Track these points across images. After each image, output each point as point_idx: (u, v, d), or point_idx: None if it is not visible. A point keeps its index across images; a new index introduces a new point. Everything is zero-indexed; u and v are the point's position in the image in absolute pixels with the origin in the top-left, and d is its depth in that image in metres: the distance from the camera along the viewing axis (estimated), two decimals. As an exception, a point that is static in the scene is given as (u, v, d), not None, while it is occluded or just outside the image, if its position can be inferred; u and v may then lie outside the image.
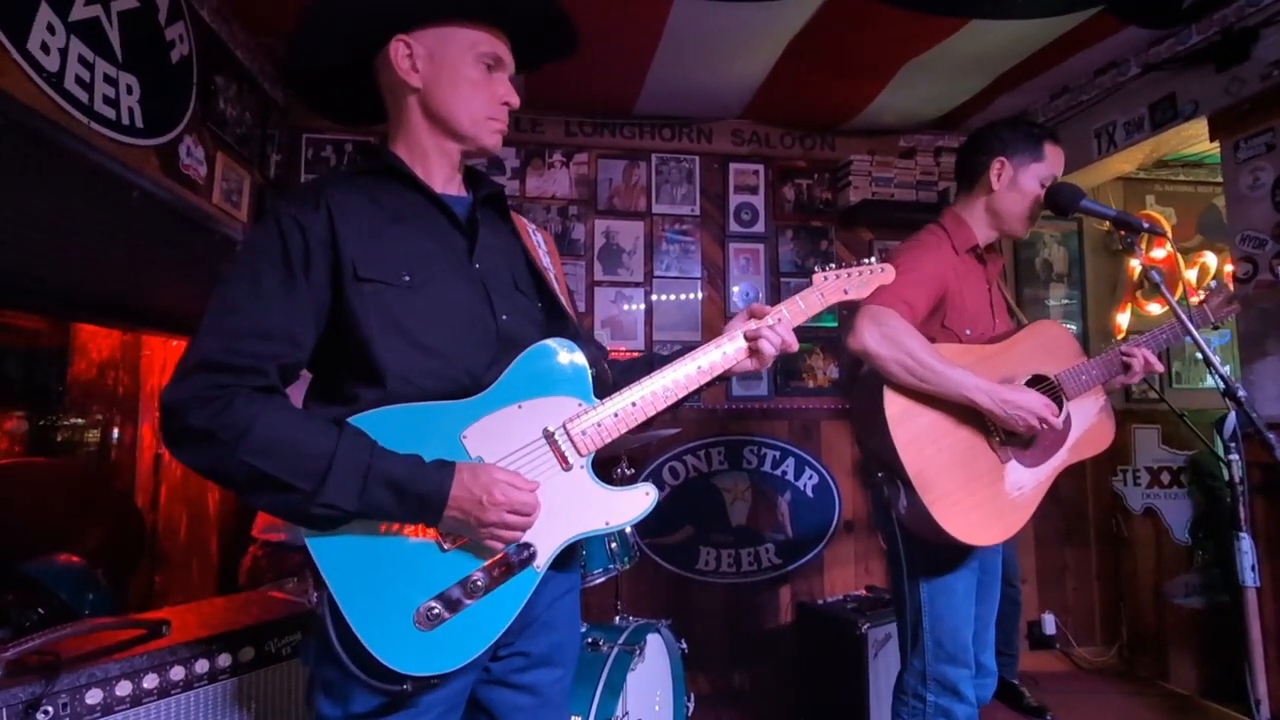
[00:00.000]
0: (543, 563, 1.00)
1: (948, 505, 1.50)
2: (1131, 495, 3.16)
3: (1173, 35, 2.47)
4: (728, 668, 3.03)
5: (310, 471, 0.88)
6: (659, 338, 3.15)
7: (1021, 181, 1.67)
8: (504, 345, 1.05)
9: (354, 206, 1.01)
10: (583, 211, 3.16)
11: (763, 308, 1.16)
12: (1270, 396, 2.22)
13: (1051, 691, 2.94)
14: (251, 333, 0.92)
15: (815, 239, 3.31)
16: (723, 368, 1.13)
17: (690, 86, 2.88)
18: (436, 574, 0.94)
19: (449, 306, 1.03)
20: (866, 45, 2.53)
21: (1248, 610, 1.45)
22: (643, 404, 1.07)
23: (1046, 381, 1.61)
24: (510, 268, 1.14)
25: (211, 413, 0.87)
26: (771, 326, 1.13)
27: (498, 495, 0.92)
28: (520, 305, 1.12)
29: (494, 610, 0.97)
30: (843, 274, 1.25)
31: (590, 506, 1.04)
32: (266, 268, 0.95)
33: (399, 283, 0.99)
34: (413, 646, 0.92)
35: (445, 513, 0.92)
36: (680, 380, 1.10)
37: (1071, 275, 3.51)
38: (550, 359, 1.06)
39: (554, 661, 1.10)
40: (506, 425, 1.01)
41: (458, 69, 1.05)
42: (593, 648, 1.92)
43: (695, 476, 3.14)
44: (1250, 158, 2.28)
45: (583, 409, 1.04)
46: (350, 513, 0.89)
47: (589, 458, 1.04)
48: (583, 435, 1.03)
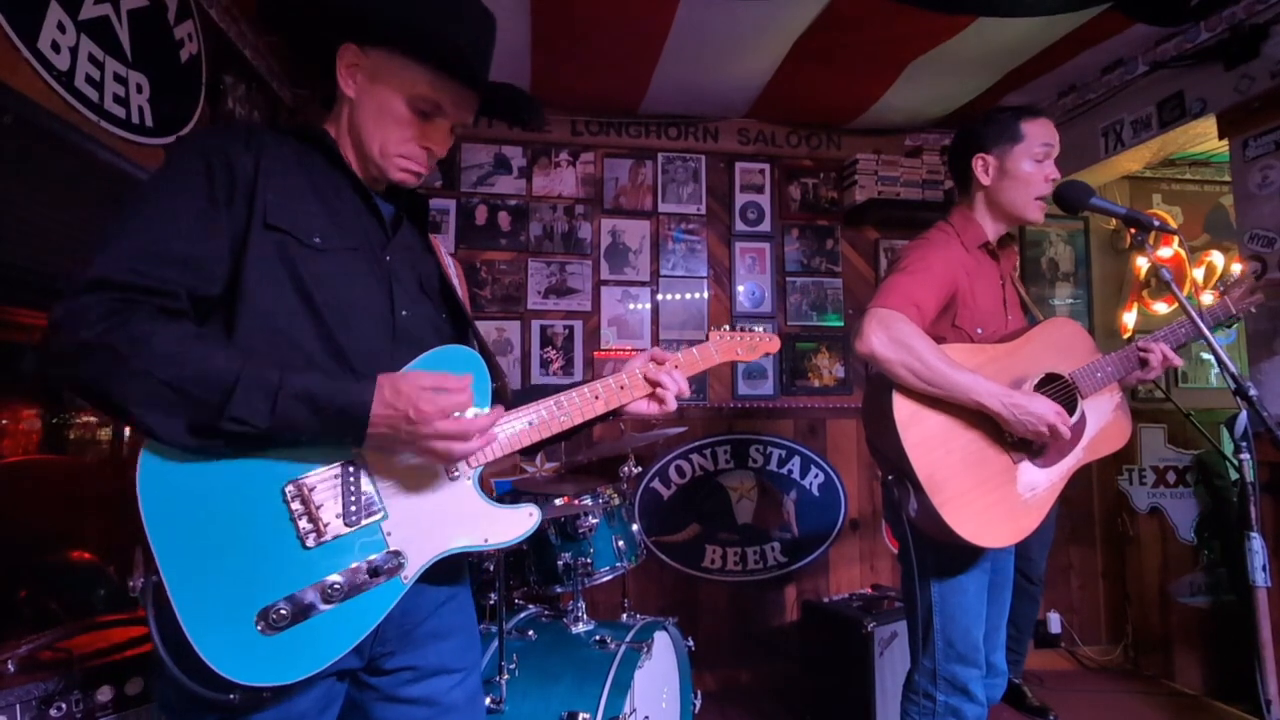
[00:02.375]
0: (411, 574, 0.93)
1: (958, 507, 1.48)
2: (1137, 494, 3.14)
3: (1180, 33, 2.44)
4: (734, 665, 3.02)
5: (215, 384, 0.80)
6: (665, 337, 3.14)
7: (1010, 168, 1.64)
8: (399, 342, 1.01)
9: (282, 160, 0.98)
10: (589, 210, 3.15)
11: (663, 353, 1.16)
12: (1278, 395, 2.20)
13: (1056, 691, 2.92)
14: (162, 255, 0.85)
15: (821, 238, 3.29)
16: (617, 403, 1.12)
17: (696, 85, 2.86)
18: (292, 571, 0.85)
19: (350, 283, 0.98)
20: (873, 43, 2.51)
21: (1258, 610, 1.42)
22: (539, 425, 1.05)
23: (1061, 380, 1.59)
24: (419, 273, 1.11)
25: (108, 326, 0.79)
26: (669, 373, 1.14)
27: (425, 406, 0.86)
28: (423, 309, 1.09)
29: (348, 620, 0.88)
30: (735, 336, 1.28)
31: (471, 521, 0.99)
32: (186, 194, 0.89)
33: (308, 241, 0.95)
34: (248, 651, 0.81)
35: (369, 430, 0.86)
36: (575, 408, 1.08)
37: (1077, 274, 3.48)
38: (453, 365, 1.00)
39: (450, 669, 1.05)
40: None
41: (385, 101, 1.02)
42: (600, 645, 1.91)
43: (701, 475, 3.12)
44: (1259, 155, 2.26)
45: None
46: (262, 429, 0.82)
47: (477, 471, 1.01)
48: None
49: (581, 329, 3.08)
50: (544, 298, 3.07)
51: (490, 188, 3.08)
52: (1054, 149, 1.65)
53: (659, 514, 3.06)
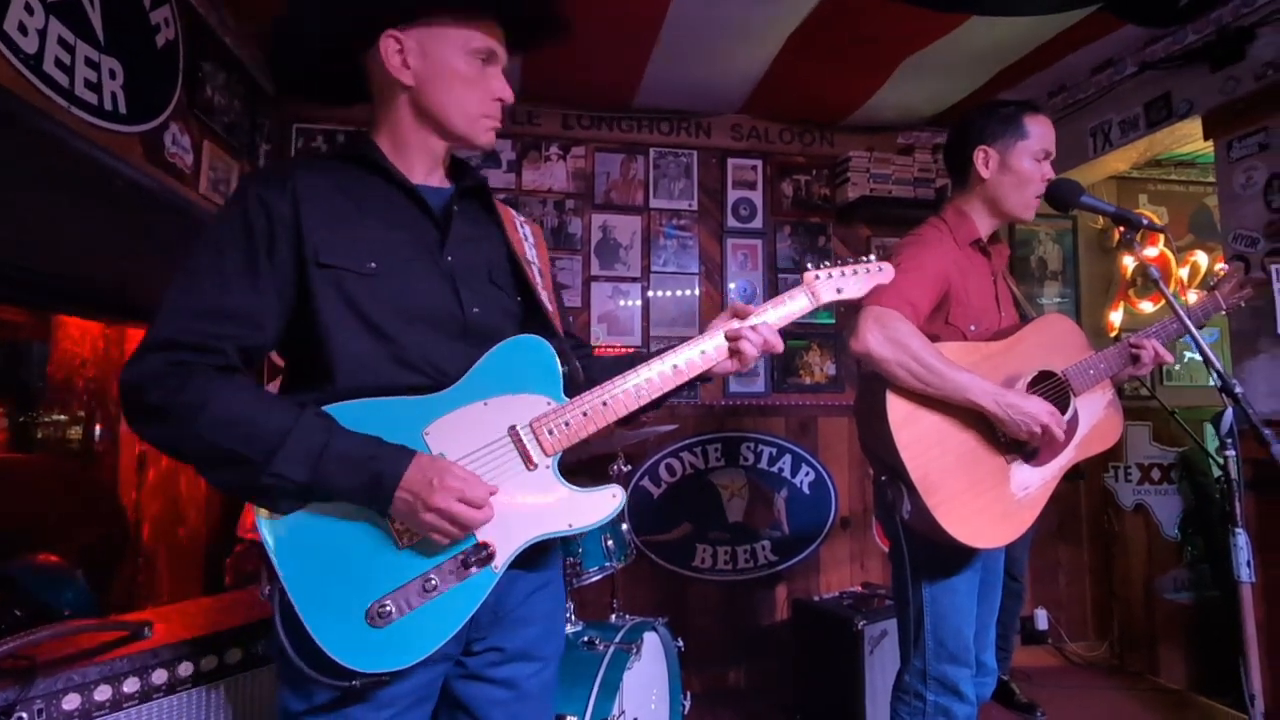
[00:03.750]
0: (501, 563, 0.98)
1: (952, 509, 1.49)
2: (1123, 491, 3.19)
3: (1168, 34, 2.49)
4: (724, 665, 3.02)
5: (264, 445, 0.87)
6: (656, 333, 3.14)
7: (1012, 163, 1.65)
8: (475, 339, 1.04)
9: (322, 191, 1.00)
10: (579, 205, 3.13)
11: (746, 307, 1.13)
12: (1261, 394, 2.24)
13: (1044, 687, 2.96)
14: (210, 312, 0.92)
15: (813, 235, 3.30)
16: (701, 368, 1.09)
17: (689, 80, 2.86)
18: (391, 570, 0.93)
19: (413, 296, 1.01)
20: (867, 40, 2.53)
21: (1243, 606, 1.44)
22: (613, 403, 1.05)
23: (1054, 378, 1.61)
24: (487, 260, 1.12)
25: (168, 390, 0.87)
26: (754, 327, 1.11)
27: (449, 481, 0.90)
28: (494, 299, 1.10)
29: (447, 610, 0.95)
30: (835, 272, 1.21)
31: (554, 507, 1.01)
32: (229, 247, 0.95)
33: (363, 270, 0.98)
34: (362, 643, 0.90)
35: (396, 494, 0.90)
36: (654, 379, 1.07)
37: (1066, 273, 3.53)
38: (520, 355, 1.04)
39: (531, 656, 1.09)
40: (471, 422, 0.99)
41: (451, 66, 1.03)
42: (588, 646, 1.90)
43: (692, 473, 3.12)
44: (1243, 157, 2.30)
45: (551, 407, 1.02)
46: (300, 484, 0.88)
47: (555, 457, 1.02)
48: (549, 434, 1.01)
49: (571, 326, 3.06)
50: (532, 295, 3.04)
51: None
52: (1053, 152, 1.66)
53: (649, 513, 3.05)
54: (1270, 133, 2.22)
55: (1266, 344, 2.23)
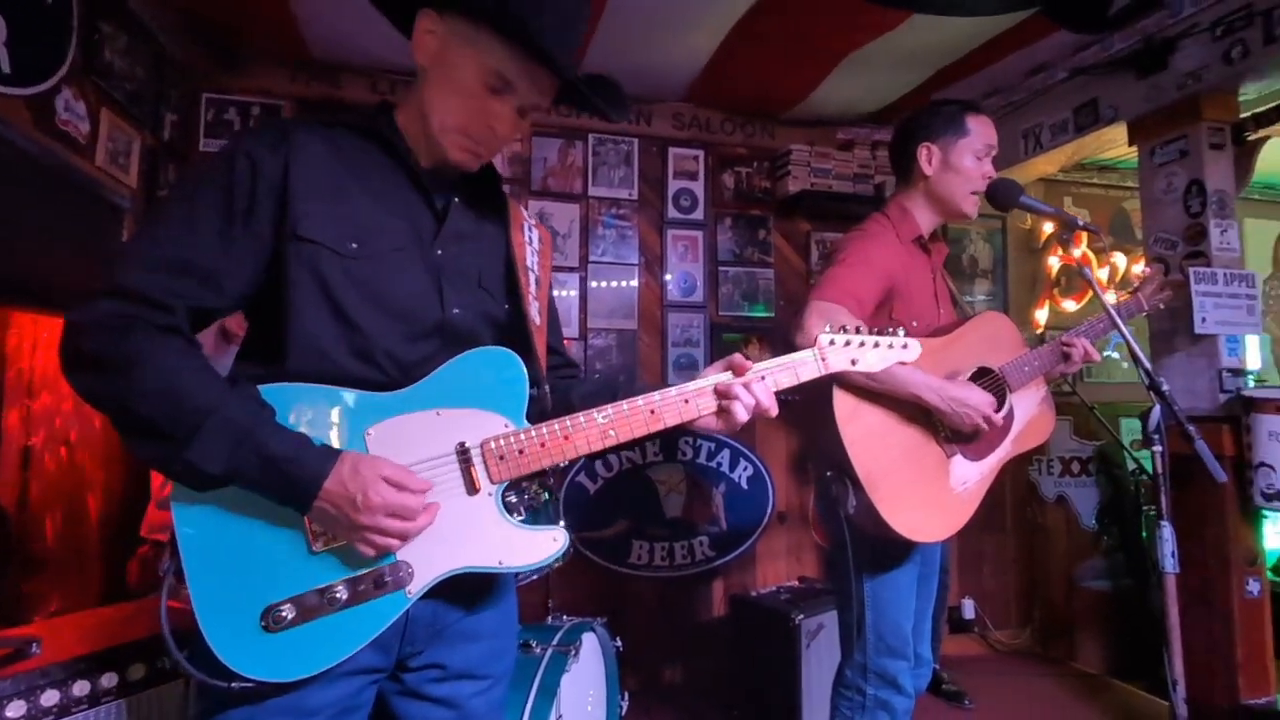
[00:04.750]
0: (416, 589, 0.91)
1: (895, 503, 1.51)
2: (1045, 484, 3.36)
3: (1098, 42, 2.59)
4: (661, 663, 3.02)
5: (182, 424, 0.82)
6: (594, 325, 3.09)
7: (953, 161, 1.68)
8: (448, 341, 0.98)
9: (318, 158, 0.94)
10: (516, 191, 3.04)
11: (743, 362, 1.02)
12: (1179, 391, 2.38)
13: (970, 674, 3.08)
14: (170, 264, 0.86)
15: (754, 228, 3.31)
16: (680, 420, 1.00)
17: (632, 65, 2.81)
18: (298, 574, 0.87)
19: (391, 286, 0.96)
20: (812, 33, 2.54)
21: (1167, 595, 1.52)
22: (576, 439, 0.96)
23: (991, 374, 1.65)
24: (480, 261, 1.06)
25: (105, 341, 0.83)
26: (748, 386, 1.00)
27: (373, 497, 0.84)
28: (479, 302, 1.04)
29: (348, 628, 0.88)
30: (855, 340, 1.08)
31: (487, 540, 0.94)
32: (206, 200, 0.89)
33: (343, 250, 0.93)
34: (250, 645, 0.85)
35: (315, 503, 0.85)
36: (624, 425, 0.99)
37: (995, 272, 3.67)
38: (488, 367, 0.97)
39: (476, 674, 1.03)
40: (419, 430, 0.92)
41: (454, 71, 0.96)
42: (525, 650, 1.85)
43: (629, 469, 3.10)
44: (1165, 163, 2.43)
45: (508, 430, 0.95)
46: (214, 477, 0.83)
47: (501, 486, 0.95)
48: (500, 460, 0.93)
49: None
50: (468, 282, 2.95)
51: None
52: (994, 149, 1.70)
53: (585, 509, 3.01)
54: (1190, 140, 2.35)
55: (1182, 343, 2.36)
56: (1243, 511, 2.27)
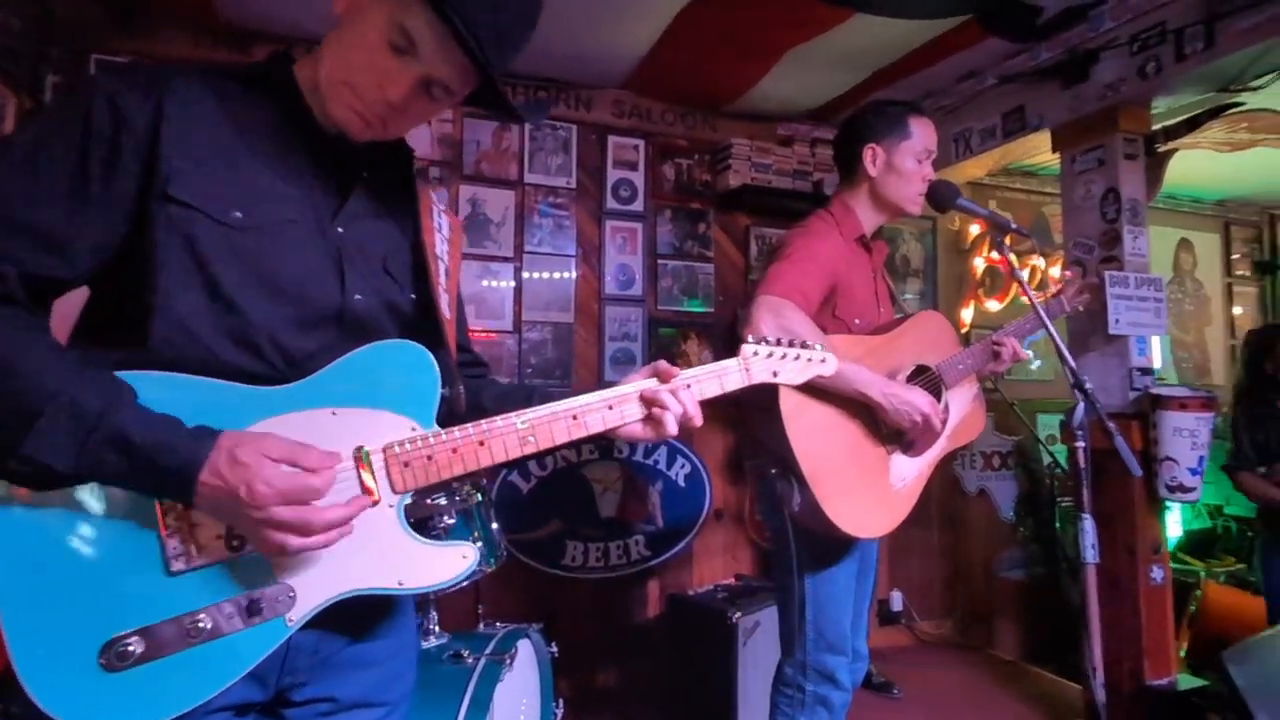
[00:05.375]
0: (298, 615, 0.80)
1: (838, 500, 1.53)
2: (968, 478, 3.53)
3: (1026, 50, 2.73)
4: (596, 667, 2.99)
5: (18, 410, 0.70)
6: (529, 318, 3.02)
7: (896, 162, 1.72)
8: (346, 331, 0.89)
9: (199, 110, 0.83)
10: (446, 175, 2.93)
11: (670, 369, 0.98)
12: (1094, 388, 2.53)
13: (897, 664, 3.21)
14: (12, 225, 0.75)
15: (694, 221, 3.32)
16: (605, 428, 0.95)
17: (572, 48, 2.75)
18: (151, 600, 0.74)
19: (283, 264, 0.85)
20: (755, 26, 2.55)
21: (1087, 585, 1.60)
22: (493, 445, 0.89)
23: (929, 372, 1.70)
24: (386, 243, 0.97)
25: None
26: (674, 391, 0.96)
27: (259, 486, 0.73)
28: (383, 289, 0.95)
29: (214, 663, 0.76)
30: (777, 352, 1.08)
31: (386, 558, 0.84)
32: (54, 149, 0.77)
33: (224, 218, 0.81)
34: (83, 689, 0.72)
35: (196, 496, 0.73)
36: (545, 431, 0.93)
37: (926, 271, 3.83)
38: (393, 362, 0.88)
39: (372, 703, 0.95)
40: (309, 432, 0.82)
41: (364, 23, 0.86)
42: (456, 661, 1.78)
43: (564, 467, 3.04)
44: (1084, 170, 2.59)
45: (415, 434, 0.86)
46: (61, 474, 0.70)
47: (404, 497, 0.85)
48: (404, 467, 0.84)
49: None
50: (390, 271, 2.82)
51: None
52: (934, 151, 1.76)
53: (516, 510, 2.93)
54: (1108, 150, 2.50)
55: (1097, 343, 2.52)
56: (1149, 503, 2.44)
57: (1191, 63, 2.21)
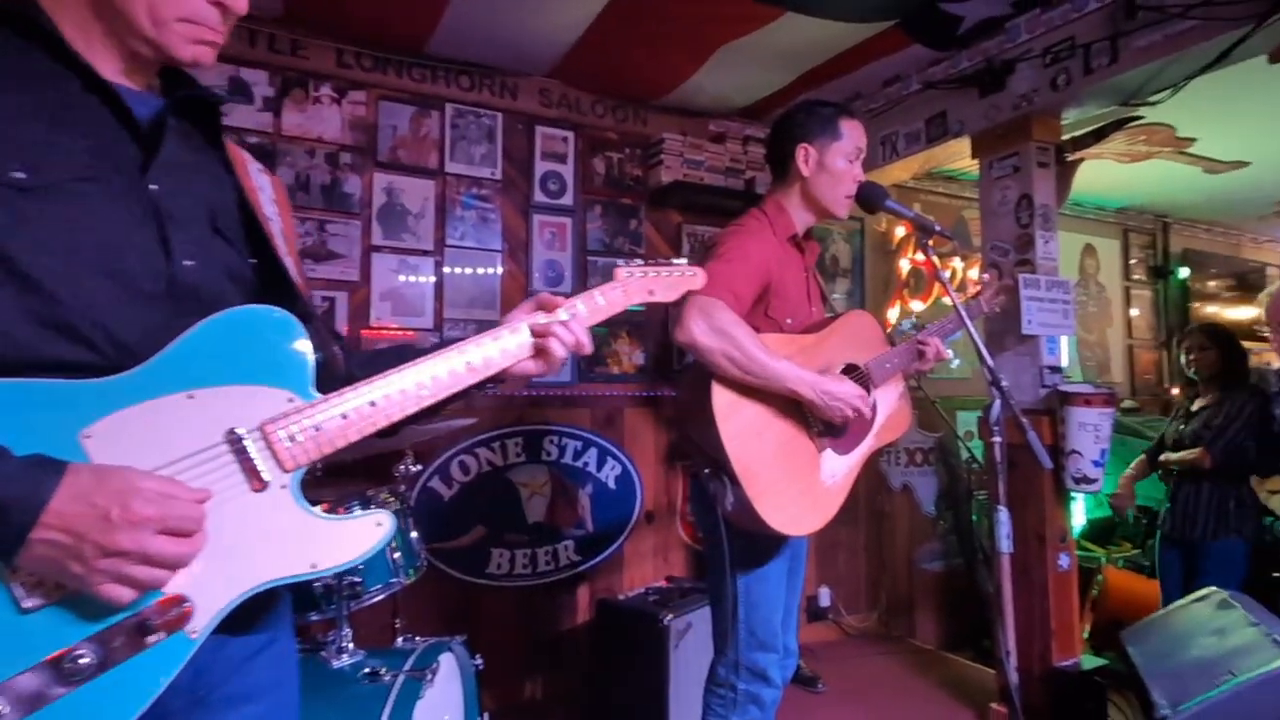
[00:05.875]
0: (201, 626, 0.73)
1: (770, 498, 1.55)
2: (892, 474, 3.67)
3: (948, 58, 2.85)
4: (522, 677, 2.93)
5: None
6: (451, 315, 2.92)
7: (828, 163, 1.77)
8: (182, 303, 0.79)
9: None
10: (359, 161, 2.80)
11: (553, 299, 1.00)
12: (1009, 386, 2.66)
13: (824, 659, 3.30)
14: None
15: (625, 217, 3.30)
16: (500, 366, 0.94)
17: (497, 32, 2.68)
18: (7, 646, 0.65)
19: (90, 230, 0.74)
20: (687, 20, 2.56)
21: (1002, 573, 1.68)
22: (386, 405, 0.84)
23: (857, 370, 1.74)
24: (210, 200, 0.87)
25: None
26: (564, 323, 0.98)
27: (136, 508, 0.65)
28: (217, 253, 0.86)
29: (106, 702, 0.68)
30: (649, 271, 1.13)
31: (291, 542, 0.79)
32: None
33: (3, 178, 0.70)
34: None
35: (34, 534, 0.63)
36: (441, 378, 0.89)
37: (854, 271, 3.96)
38: (253, 331, 0.80)
39: None
40: (165, 421, 0.73)
41: None
42: (372, 679, 1.71)
43: (489, 471, 2.97)
44: (1001, 176, 2.72)
45: (295, 405, 0.80)
46: None
47: (297, 474, 0.80)
48: (291, 442, 0.79)
49: (346, 302, 2.74)
50: (298, 263, 2.67)
51: (223, 118, 2.58)
52: (864, 152, 1.80)
53: (437, 517, 2.84)
54: (1022, 157, 2.64)
55: (1011, 343, 2.66)
56: (1057, 494, 2.59)
57: (1098, 76, 2.36)
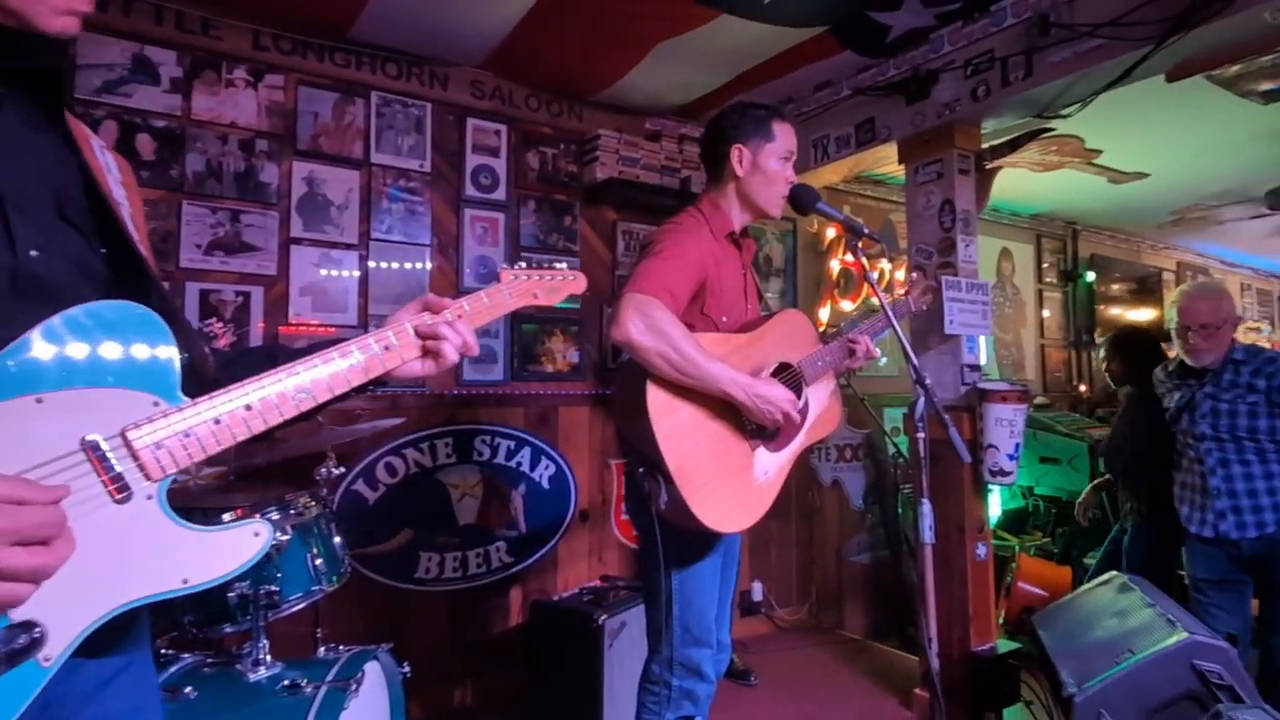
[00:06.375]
0: (57, 652, 0.69)
1: (704, 497, 1.58)
2: (823, 470, 3.79)
3: (877, 66, 2.97)
4: (453, 684, 2.89)
5: None
6: (377, 311, 2.85)
7: (761, 163, 1.81)
8: (25, 297, 0.73)
9: None
10: (276, 149, 2.69)
11: (439, 300, 1.00)
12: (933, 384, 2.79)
13: (757, 653, 3.39)
14: None
15: (559, 213, 3.28)
16: (384, 368, 0.92)
17: (426, 19, 2.62)
18: None
19: None
20: (625, 15, 2.57)
21: (925, 563, 1.76)
22: (263, 408, 0.80)
23: (791, 369, 1.79)
24: (54, 184, 0.81)
25: None
26: (451, 323, 0.97)
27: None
28: (66, 242, 0.80)
29: None
30: (534, 275, 1.15)
31: (160, 555, 0.74)
32: None
33: None
34: None
35: None
36: (323, 380, 0.86)
37: (787, 271, 4.06)
38: (108, 329, 0.74)
39: None
40: (8, 430, 0.68)
41: None
42: (292, 691, 1.65)
43: (417, 472, 2.90)
44: (925, 182, 2.85)
45: (161, 410, 0.76)
46: None
47: (164, 483, 0.76)
48: (156, 449, 0.74)
49: (261, 297, 2.63)
50: (206, 254, 2.54)
51: (125, 99, 2.44)
52: (795, 154, 1.86)
53: (362, 521, 2.76)
54: (945, 164, 2.78)
55: (935, 342, 2.80)
56: (976, 486, 2.74)
57: (1014, 89, 2.50)
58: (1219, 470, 2.39)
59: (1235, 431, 2.37)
